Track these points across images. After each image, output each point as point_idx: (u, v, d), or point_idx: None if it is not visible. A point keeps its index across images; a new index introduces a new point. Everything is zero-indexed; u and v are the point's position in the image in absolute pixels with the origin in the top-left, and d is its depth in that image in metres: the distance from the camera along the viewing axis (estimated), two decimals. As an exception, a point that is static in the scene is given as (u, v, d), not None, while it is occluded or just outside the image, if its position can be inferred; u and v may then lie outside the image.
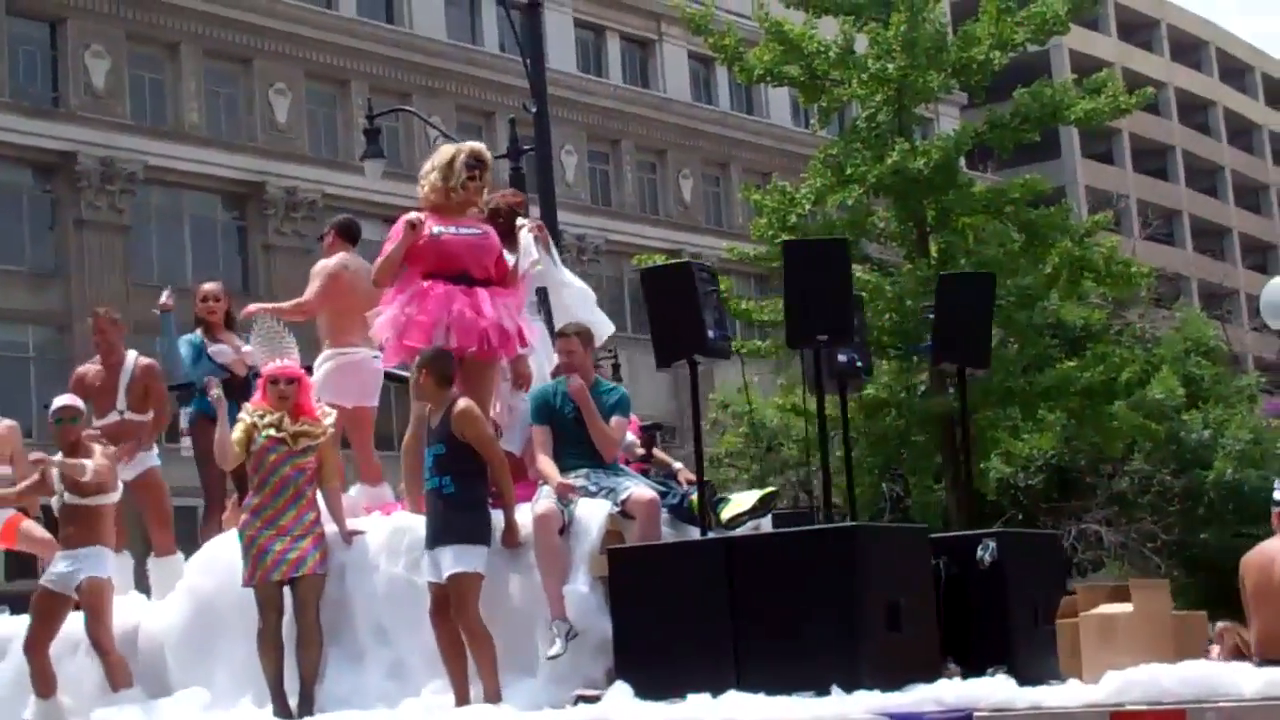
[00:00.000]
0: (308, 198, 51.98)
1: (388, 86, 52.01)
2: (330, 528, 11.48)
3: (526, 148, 26.50)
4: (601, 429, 11.27)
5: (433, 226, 11.53)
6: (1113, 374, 30.76)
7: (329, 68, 53.55)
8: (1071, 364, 31.05)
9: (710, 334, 11.23)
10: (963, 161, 32.48)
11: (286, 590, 11.19)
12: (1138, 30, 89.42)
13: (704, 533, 11.02)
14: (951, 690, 9.16)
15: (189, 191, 50.89)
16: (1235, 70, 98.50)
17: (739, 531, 11.25)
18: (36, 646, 12.07)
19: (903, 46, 28.58)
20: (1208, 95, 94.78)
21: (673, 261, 13.88)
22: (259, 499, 11.29)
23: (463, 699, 10.48)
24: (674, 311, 11.33)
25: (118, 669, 11.97)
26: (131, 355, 14.31)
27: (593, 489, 11.00)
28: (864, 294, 24.99)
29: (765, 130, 64.16)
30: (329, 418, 11.66)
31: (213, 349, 13.88)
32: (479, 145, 12.16)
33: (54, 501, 12.27)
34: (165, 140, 49.49)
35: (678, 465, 12.57)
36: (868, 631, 9.45)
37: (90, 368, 14.28)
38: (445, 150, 12.00)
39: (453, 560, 10.43)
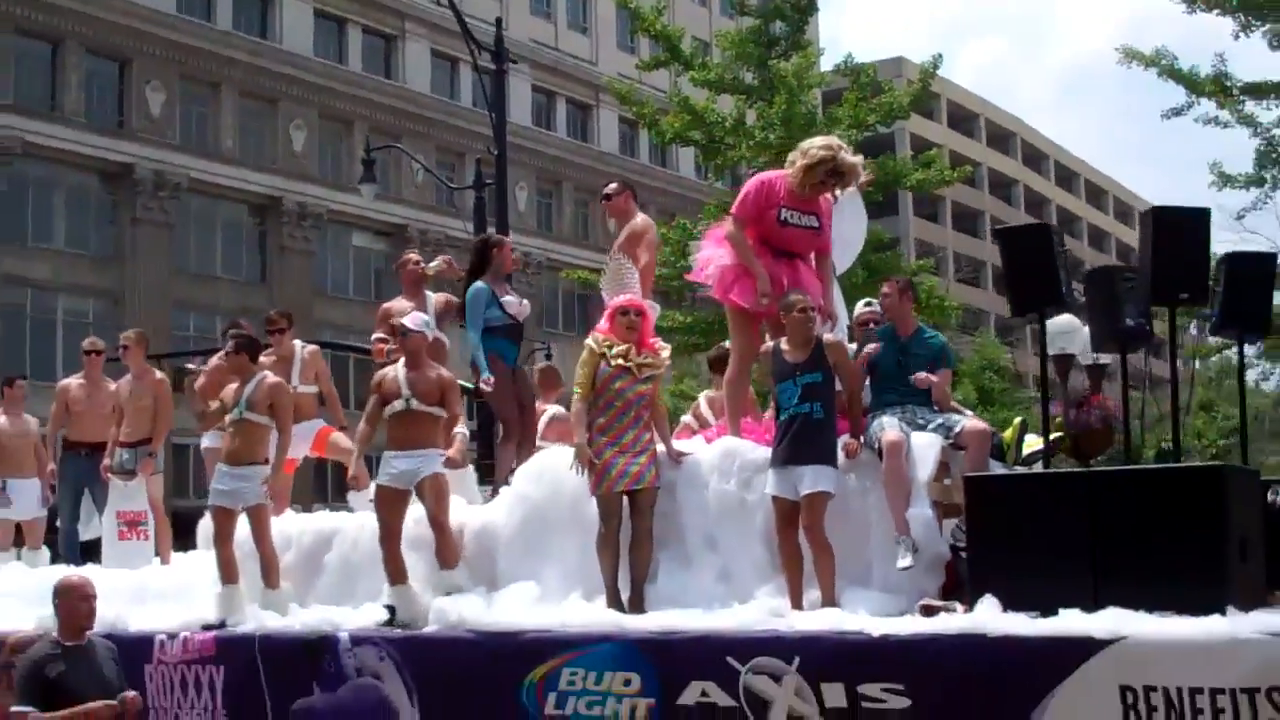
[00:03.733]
0: (315, 210, 51.90)
1: (384, 128, 51.84)
2: (659, 448, 10.25)
3: (489, 182, 26.45)
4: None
5: (783, 210, 10.37)
6: (926, 383, 30.91)
7: (338, 110, 53.40)
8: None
9: (1063, 288, 9.92)
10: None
11: (624, 501, 10.00)
12: (962, 120, 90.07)
13: (1046, 465, 9.88)
14: None
15: (223, 201, 50.65)
16: (1035, 157, 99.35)
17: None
18: (391, 539, 10.64)
19: (782, 121, 28.64)
20: (1013, 175, 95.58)
21: (1032, 222, 12.18)
22: (605, 419, 10.00)
23: (798, 603, 9.24)
24: (1031, 266, 9.90)
25: (452, 547, 10.66)
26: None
27: (921, 422, 9.68)
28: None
29: (675, 180, 64.27)
30: (665, 351, 10.42)
31: (504, 299, 12.19)
32: (851, 161, 10.44)
33: (398, 404, 10.76)
34: (207, 159, 49.40)
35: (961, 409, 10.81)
36: (1231, 563, 8.04)
37: (397, 304, 12.94)
38: (824, 150, 10.32)
39: (812, 479, 9.23)
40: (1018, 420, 10.55)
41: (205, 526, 12.49)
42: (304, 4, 53.46)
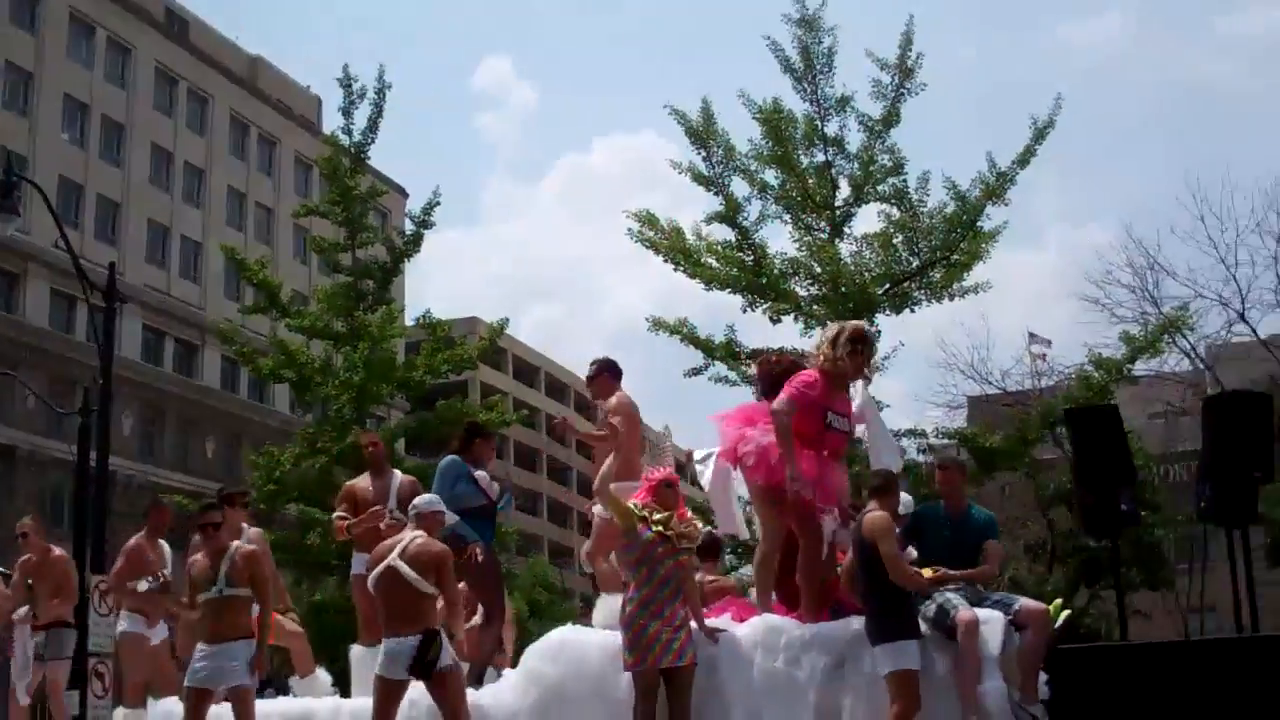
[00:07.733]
0: (-73, 430, 48.27)
1: (1, 356, 48.82)
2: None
3: (94, 409, 25.05)
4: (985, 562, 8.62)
5: (830, 416, 9.09)
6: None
7: (-44, 339, 50.17)
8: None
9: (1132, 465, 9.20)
10: (402, 446, 32.44)
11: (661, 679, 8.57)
12: (526, 372, 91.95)
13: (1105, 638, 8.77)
14: None
15: None
16: (587, 405, 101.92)
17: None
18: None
19: (365, 365, 28.66)
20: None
21: (1101, 404, 11.17)
22: (646, 591, 8.62)
23: None
24: (1101, 445, 9.25)
25: None
26: (398, 475, 11.55)
27: (986, 599, 8.48)
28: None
29: (271, 414, 62.76)
30: (698, 522, 9.14)
31: (478, 474, 10.70)
32: (861, 324, 9.53)
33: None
34: None
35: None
36: None
37: (360, 482, 11.51)
38: (831, 327, 9.44)
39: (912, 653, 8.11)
40: (1058, 600, 9.90)
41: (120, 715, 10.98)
42: (-71, 241, 50.39)
